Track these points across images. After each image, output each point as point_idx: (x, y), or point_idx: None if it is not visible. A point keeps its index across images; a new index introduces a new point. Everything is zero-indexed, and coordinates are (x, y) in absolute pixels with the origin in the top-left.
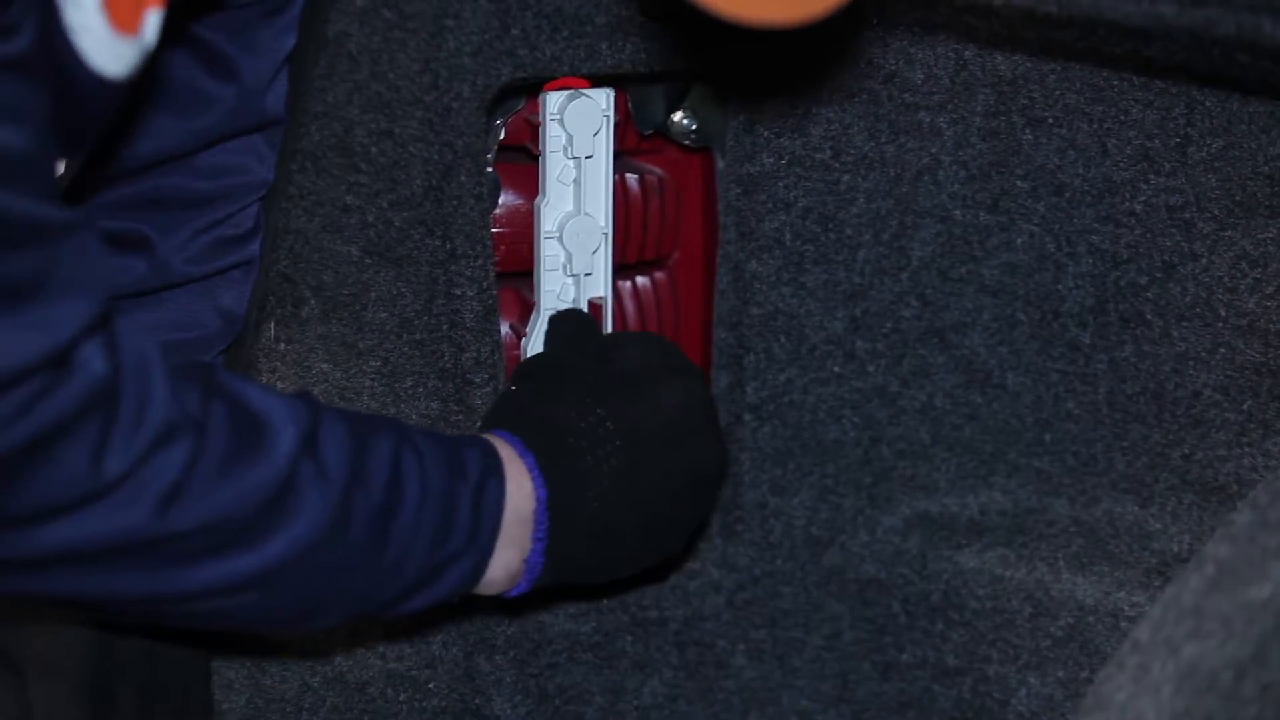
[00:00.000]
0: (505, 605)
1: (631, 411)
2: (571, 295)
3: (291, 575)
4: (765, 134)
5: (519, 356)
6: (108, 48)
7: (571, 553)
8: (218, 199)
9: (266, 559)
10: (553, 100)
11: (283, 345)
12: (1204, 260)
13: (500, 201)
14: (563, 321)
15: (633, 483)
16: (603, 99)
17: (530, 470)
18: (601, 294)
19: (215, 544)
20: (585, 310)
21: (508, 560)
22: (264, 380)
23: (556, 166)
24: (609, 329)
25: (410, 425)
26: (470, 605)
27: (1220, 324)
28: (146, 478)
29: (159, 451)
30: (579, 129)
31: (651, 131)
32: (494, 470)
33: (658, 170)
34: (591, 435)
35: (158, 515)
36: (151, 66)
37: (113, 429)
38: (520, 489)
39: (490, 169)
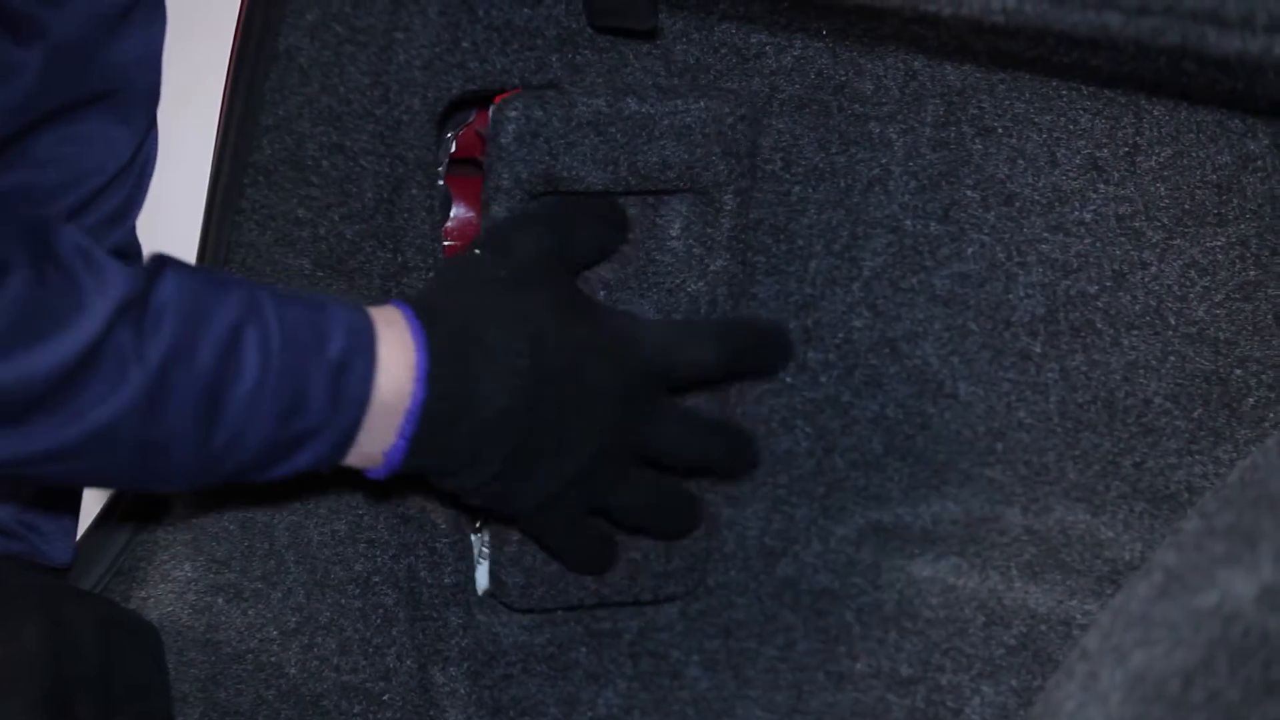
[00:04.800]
0: (460, 615)
1: (561, 348)
2: None
3: (98, 453)
4: None
5: None
6: None
7: (433, 463)
8: (65, 187)
9: (64, 437)
10: None
11: None
12: (1153, 269)
13: (451, 214)
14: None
15: (525, 424)
16: None
17: (418, 370)
18: None
19: (7, 415)
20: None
21: (367, 446)
22: None
23: None
24: None
25: (274, 292)
26: (424, 616)
27: (1170, 332)
28: None
29: None
30: None
31: None
32: (362, 349)
33: None
34: (501, 370)
35: None
36: None
37: None
38: (400, 385)
39: (441, 182)
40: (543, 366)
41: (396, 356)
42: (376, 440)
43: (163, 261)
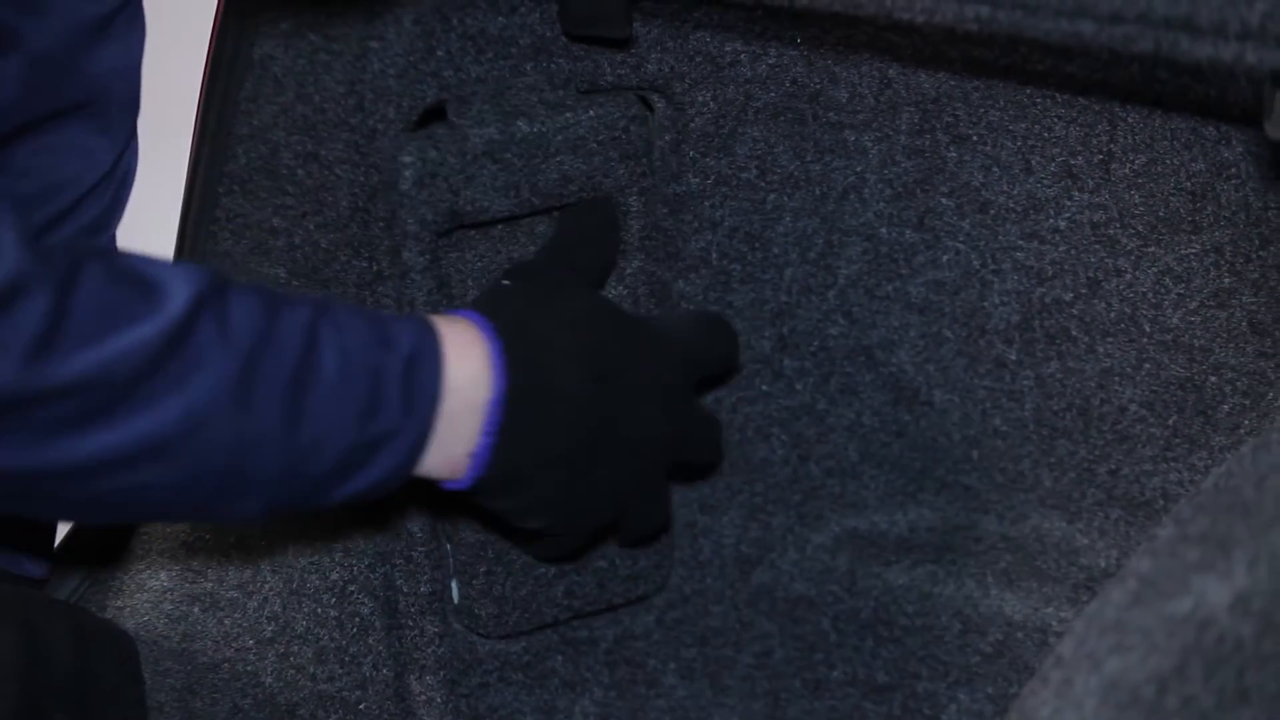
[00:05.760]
0: (437, 624)
1: (616, 351)
2: None
3: (192, 446)
4: (691, 154)
5: None
6: None
7: (516, 463)
8: (43, 196)
9: (161, 423)
10: None
11: None
12: (1128, 276)
13: None
14: (583, 214)
15: (594, 423)
16: None
17: (493, 359)
18: None
19: (100, 404)
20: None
21: (450, 448)
22: None
23: None
24: None
25: (333, 300)
26: (400, 625)
27: (1145, 339)
28: (5, 330)
29: (15, 302)
30: None
31: None
32: (429, 346)
33: None
34: (570, 361)
35: (26, 368)
36: None
37: None
38: (476, 376)
39: None
40: (608, 359)
41: (467, 351)
42: (460, 440)
43: (217, 268)
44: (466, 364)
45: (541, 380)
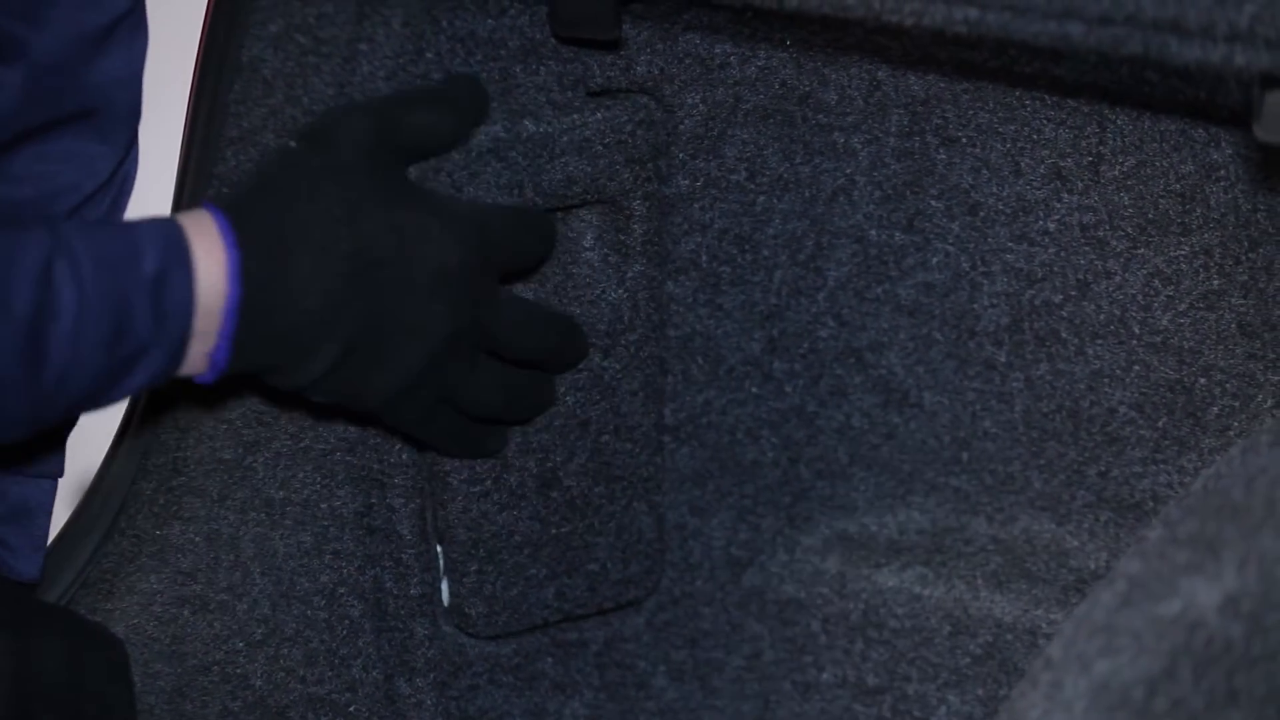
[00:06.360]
0: (426, 626)
1: (382, 243)
2: None
3: None
4: (680, 156)
5: None
6: None
7: (262, 361)
8: (39, 203)
9: None
10: None
11: None
12: (1118, 278)
13: None
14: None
15: (350, 314)
16: None
17: (229, 267)
18: None
19: None
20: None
21: (193, 351)
22: (178, 405)
23: None
24: None
25: (72, 225)
26: (390, 627)
27: (1134, 341)
28: None
29: None
30: None
31: None
32: (178, 260)
33: None
34: (320, 257)
35: None
36: None
37: None
38: (215, 282)
39: None
40: (367, 252)
41: (210, 259)
42: (200, 345)
43: None
44: (209, 274)
45: (283, 283)
